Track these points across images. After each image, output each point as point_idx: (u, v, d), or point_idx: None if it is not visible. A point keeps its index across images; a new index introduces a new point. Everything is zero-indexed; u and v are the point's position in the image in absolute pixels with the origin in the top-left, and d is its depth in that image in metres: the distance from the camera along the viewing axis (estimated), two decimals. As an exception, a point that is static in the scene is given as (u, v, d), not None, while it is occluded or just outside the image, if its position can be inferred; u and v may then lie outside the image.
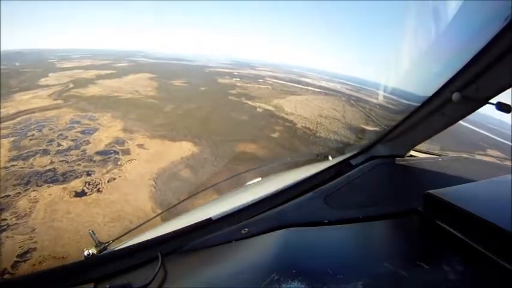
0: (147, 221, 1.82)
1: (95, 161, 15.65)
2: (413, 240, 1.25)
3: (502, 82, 1.32)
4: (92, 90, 32.70)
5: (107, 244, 1.46)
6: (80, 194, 13.00)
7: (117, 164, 15.37)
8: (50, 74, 44.21)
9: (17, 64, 55.30)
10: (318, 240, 1.23)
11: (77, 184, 13.68)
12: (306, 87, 49.65)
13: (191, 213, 2.04)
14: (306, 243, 1.20)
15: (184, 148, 17.61)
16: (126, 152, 16.68)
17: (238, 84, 46.40)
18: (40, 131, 20.24)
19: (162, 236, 1.35)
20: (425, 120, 1.81)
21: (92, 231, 1.53)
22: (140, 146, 17.68)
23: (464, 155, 2.88)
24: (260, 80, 54.14)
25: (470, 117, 1.63)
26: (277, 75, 67.56)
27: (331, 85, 57.23)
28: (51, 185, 13.90)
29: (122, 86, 36.44)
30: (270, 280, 0.89)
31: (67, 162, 15.80)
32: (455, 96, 1.47)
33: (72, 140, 18.49)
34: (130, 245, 1.33)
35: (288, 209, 1.51)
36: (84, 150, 16.92)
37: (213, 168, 15.44)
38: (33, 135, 19.64)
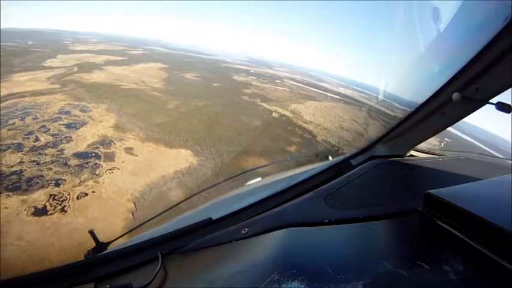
0: (147, 221, 1.71)
1: (69, 166, 12.79)
2: (414, 240, 1.22)
3: (502, 82, 1.30)
4: (95, 77, 30.25)
5: (107, 244, 1.41)
6: (41, 211, 10.27)
7: (95, 174, 12.46)
8: (58, 56, 42.39)
9: (30, 43, 54.19)
10: (318, 240, 1.20)
11: (40, 196, 10.91)
12: (324, 93, 46.79)
13: (191, 213, 2.00)
14: (306, 243, 1.17)
15: (181, 158, 14.54)
16: (110, 157, 13.80)
17: (254, 83, 43.48)
18: (23, 119, 17.62)
19: (162, 236, 1.32)
20: (425, 120, 1.77)
21: (92, 230, 1.40)
22: (128, 150, 14.75)
23: (465, 155, 2.61)
24: (277, 81, 51.36)
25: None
26: (295, 77, 64.64)
27: (349, 92, 54.06)
28: (10, 194, 11.18)
29: (128, 75, 33.92)
30: (270, 280, 0.87)
31: (38, 164, 13.02)
32: (455, 96, 1.43)
33: (53, 135, 15.70)
34: (130, 245, 1.29)
35: (288, 209, 1.46)
36: (61, 150, 14.10)
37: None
38: (13, 124, 17.04)
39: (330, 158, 2.39)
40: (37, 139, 15.43)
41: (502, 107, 1.28)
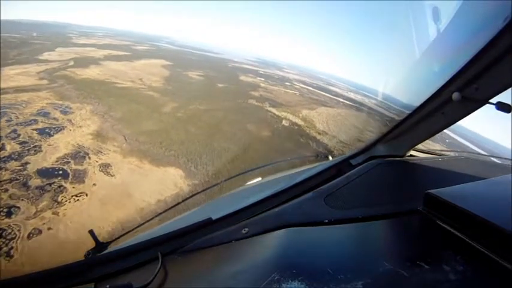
0: (147, 221, 1.74)
1: (28, 188, 10.05)
2: (413, 240, 1.23)
3: (502, 82, 1.32)
4: (90, 72, 27.73)
5: (107, 244, 1.43)
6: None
7: (56, 201, 9.69)
8: (58, 49, 40.07)
9: (34, 34, 52.72)
10: (318, 240, 1.21)
11: (-18, 234, 8.24)
12: (336, 98, 43.95)
13: (191, 213, 2.01)
14: (306, 243, 1.19)
15: (169, 180, 11.51)
16: (80, 178, 11.04)
17: (262, 85, 40.63)
18: (-5, 121, 14.98)
19: (162, 236, 1.33)
20: (425, 120, 1.80)
21: (92, 230, 1.43)
22: (104, 167, 11.93)
23: (464, 155, 2.56)
24: (287, 84, 48.60)
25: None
26: (304, 79, 61.79)
27: (359, 98, 51.55)
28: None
29: (126, 71, 31.34)
30: (270, 280, 0.88)
31: (-7, 182, 10.31)
32: (455, 96, 1.46)
33: (21, 143, 12.95)
34: (131, 245, 1.29)
35: (288, 209, 1.48)
36: (25, 164, 11.37)
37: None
38: (-17, 127, 14.40)
39: (330, 158, 2.39)
40: (2, 147, 12.73)
41: (502, 107, 1.31)
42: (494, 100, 1.36)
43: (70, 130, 14.61)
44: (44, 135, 13.95)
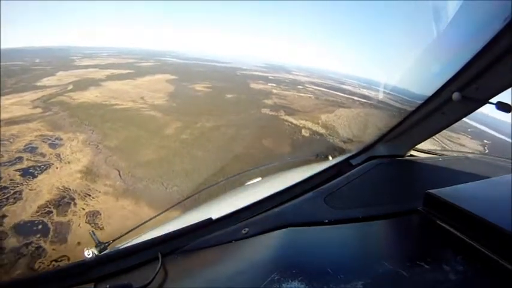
0: (147, 221, 1.72)
1: (3, 251, 7.89)
2: (414, 240, 1.22)
3: (502, 82, 1.31)
4: (88, 95, 25.95)
5: (107, 244, 1.44)
6: None
7: (32, 269, 7.49)
8: (59, 73, 38.68)
9: (37, 60, 51.97)
10: (318, 240, 1.20)
11: None
12: (351, 97, 41.25)
13: (191, 213, 2.03)
14: (306, 243, 1.18)
15: None
16: (61, 234, 8.65)
17: (274, 91, 38.17)
18: (-23, 163, 12.96)
19: (162, 236, 1.32)
20: (425, 120, 1.79)
21: (93, 231, 1.42)
22: (92, 217, 9.55)
23: (465, 155, 2.57)
24: (299, 87, 46.08)
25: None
26: (315, 81, 59.15)
27: (373, 94, 48.72)
28: None
29: (128, 90, 29.48)
30: (270, 280, 0.88)
31: None
32: (455, 96, 1.45)
33: (1, 190, 10.85)
34: (131, 245, 1.29)
35: (288, 209, 1.48)
36: (2, 218, 9.21)
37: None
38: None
39: (330, 158, 2.41)
40: (-21, 198, 10.69)
41: (502, 106, 1.30)
42: (494, 100, 1.35)
43: (57, 168, 12.37)
44: (27, 177, 11.75)
